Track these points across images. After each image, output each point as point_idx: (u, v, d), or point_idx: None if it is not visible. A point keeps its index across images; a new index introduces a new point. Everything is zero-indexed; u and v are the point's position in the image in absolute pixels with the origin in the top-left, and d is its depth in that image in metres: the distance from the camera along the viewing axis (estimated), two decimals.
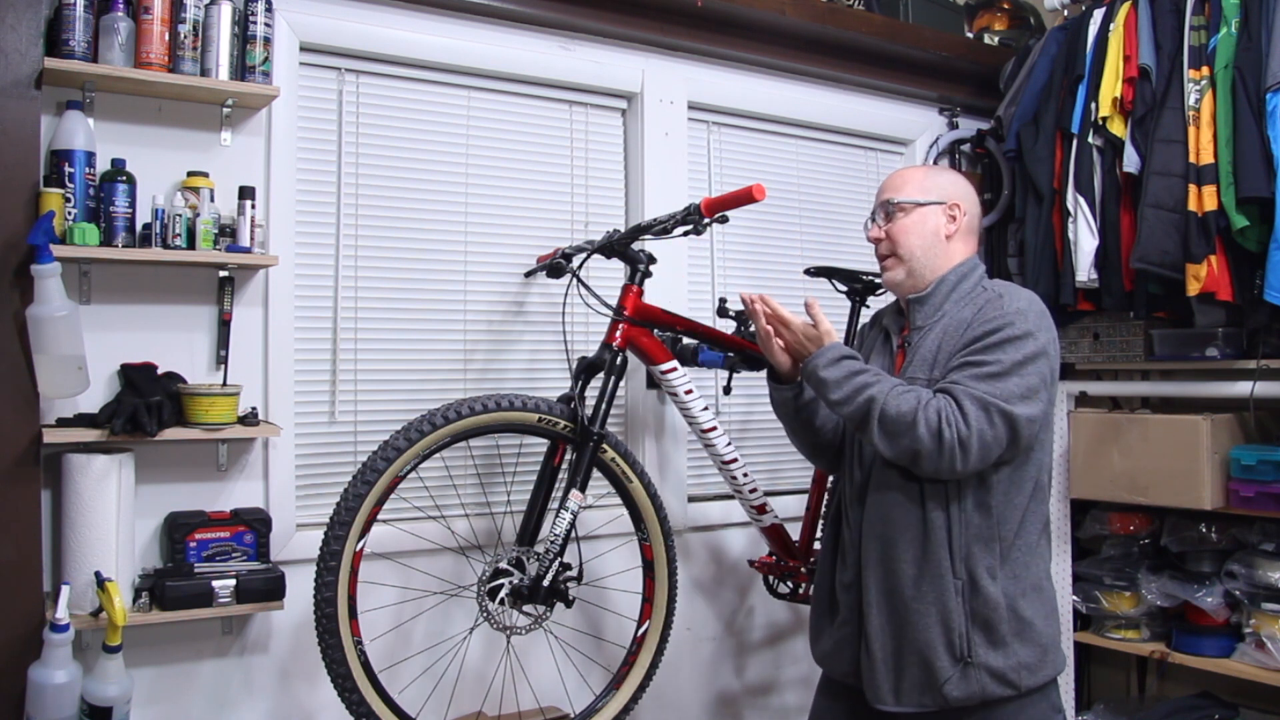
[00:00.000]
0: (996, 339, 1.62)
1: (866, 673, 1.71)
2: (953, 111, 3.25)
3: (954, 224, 1.78)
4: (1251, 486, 2.49)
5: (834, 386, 1.66)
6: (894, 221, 1.79)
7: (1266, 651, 2.48)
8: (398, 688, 2.05)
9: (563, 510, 1.96)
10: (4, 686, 1.87)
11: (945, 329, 1.72)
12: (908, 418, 1.58)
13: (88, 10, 1.93)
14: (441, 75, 2.45)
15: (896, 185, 1.82)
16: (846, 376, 1.66)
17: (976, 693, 1.62)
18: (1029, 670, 1.65)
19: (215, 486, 2.15)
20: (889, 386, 1.63)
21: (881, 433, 1.61)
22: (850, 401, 1.64)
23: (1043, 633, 1.68)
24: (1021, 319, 1.63)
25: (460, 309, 2.47)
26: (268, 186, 2.18)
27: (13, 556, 1.88)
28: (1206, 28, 2.51)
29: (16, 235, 1.87)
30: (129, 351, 2.05)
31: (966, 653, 1.62)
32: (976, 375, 1.60)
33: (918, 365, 1.72)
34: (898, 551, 1.68)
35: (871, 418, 1.61)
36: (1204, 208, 2.42)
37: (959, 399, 1.58)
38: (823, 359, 1.70)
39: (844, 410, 1.66)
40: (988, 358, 1.61)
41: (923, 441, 1.57)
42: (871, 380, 1.65)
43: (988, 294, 1.72)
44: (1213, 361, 2.65)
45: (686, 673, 2.72)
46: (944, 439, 1.56)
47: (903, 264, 1.78)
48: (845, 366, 1.67)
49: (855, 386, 1.64)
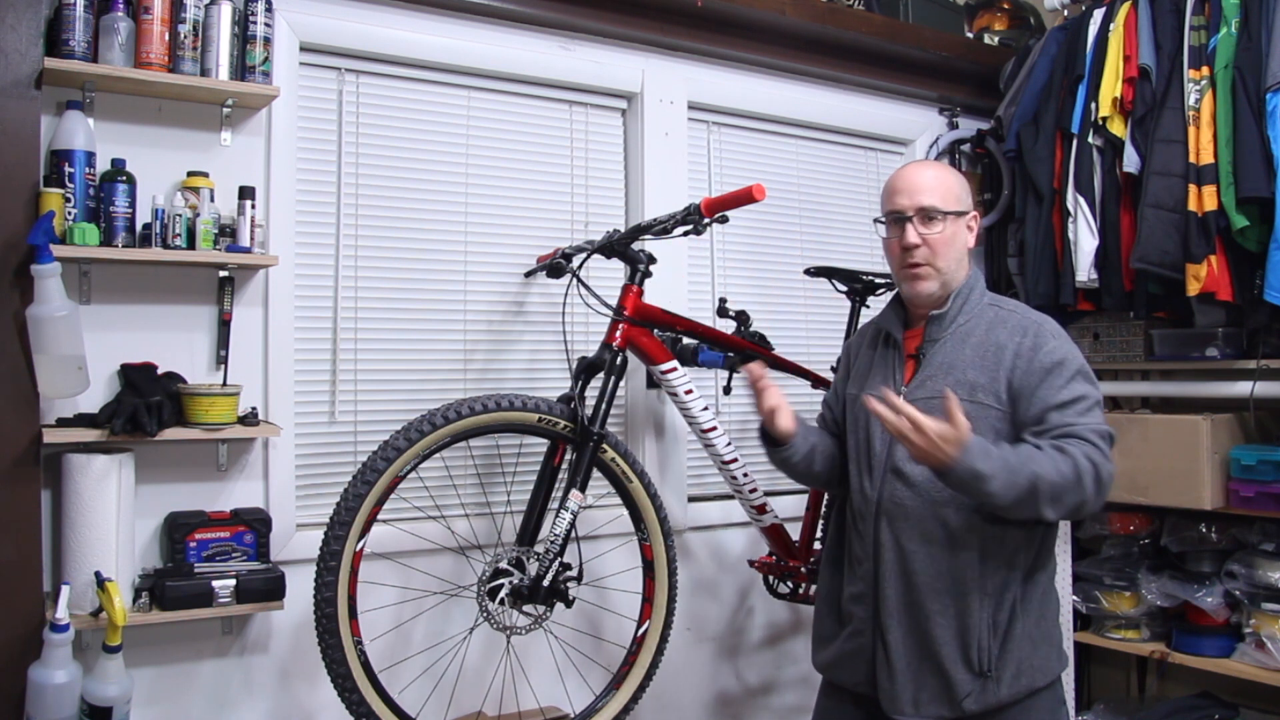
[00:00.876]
0: (1066, 375, 1.62)
1: (884, 683, 1.69)
2: (953, 111, 3.25)
3: (973, 235, 1.77)
4: (1251, 486, 2.49)
5: (990, 479, 1.51)
6: (931, 229, 1.70)
7: (1266, 651, 2.48)
8: (398, 688, 2.05)
9: (563, 510, 1.96)
10: (4, 686, 1.87)
11: (977, 349, 1.69)
12: (1070, 478, 1.53)
13: (88, 10, 1.92)
14: (441, 75, 2.45)
15: (931, 188, 1.71)
16: (1002, 467, 1.52)
17: (993, 703, 1.63)
18: (1041, 673, 1.66)
19: (215, 486, 2.15)
20: (1042, 457, 1.54)
21: (1051, 502, 1.53)
22: (1014, 486, 1.51)
23: (1052, 635, 1.70)
24: (1072, 350, 1.66)
25: (460, 309, 2.47)
26: (268, 186, 2.18)
27: (13, 556, 1.88)
28: (1206, 28, 2.51)
29: (16, 235, 1.87)
30: (129, 351, 2.05)
31: (988, 667, 1.62)
32: (1079, 412, 1.60)
33: (939, 377, 1.69)
34: (921, 565, 1.66)
35: (1040, 493, 1.52)
36: (1204, 208, 2.42)
37: (1092, 441, 1.57)
38: (976, 456, 1.52)
39: (1005, 497, 1.52)
40: (1072, 394, 1.61)
41: (1087, 492, 1.55)
42: (1023, 459, 1.54)
43: (1005, 312, 1.72)
44: (1213, 361, 2.65)
45: (686, 673, 2.72)
46: (1103, 484, 1.56)
47: (939, 275, 1.71)
48: (995, 457, 1.53)
49: (1012, 470, 1.52)
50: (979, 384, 1.66)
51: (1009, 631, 1.64)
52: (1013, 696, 1.64)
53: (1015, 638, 1.64)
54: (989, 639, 1.63)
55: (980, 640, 1.63)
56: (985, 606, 1.63)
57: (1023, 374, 1.64)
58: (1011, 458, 1.53)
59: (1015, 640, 1.64)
